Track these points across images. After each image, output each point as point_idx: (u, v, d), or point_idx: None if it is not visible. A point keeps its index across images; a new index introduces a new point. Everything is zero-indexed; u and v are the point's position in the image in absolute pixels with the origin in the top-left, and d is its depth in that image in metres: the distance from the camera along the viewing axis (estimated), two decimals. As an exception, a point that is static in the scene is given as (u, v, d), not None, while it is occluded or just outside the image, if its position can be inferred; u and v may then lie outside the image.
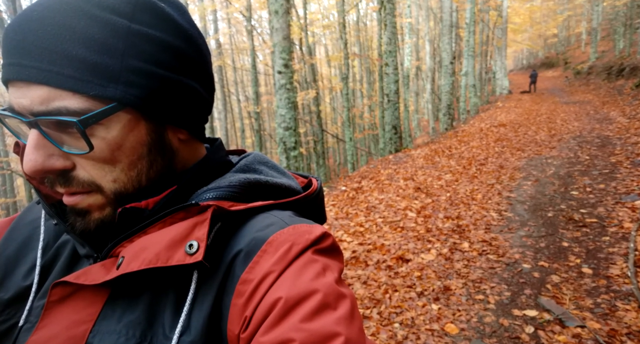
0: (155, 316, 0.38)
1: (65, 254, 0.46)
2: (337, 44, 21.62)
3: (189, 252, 0.37)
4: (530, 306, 2.55)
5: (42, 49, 0.35)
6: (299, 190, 0.50)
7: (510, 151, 7.42)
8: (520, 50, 40.44)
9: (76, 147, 0.38)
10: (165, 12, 0.40)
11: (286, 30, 5.62)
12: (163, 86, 0.40)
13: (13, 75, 0.36)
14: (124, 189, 0.41)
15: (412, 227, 4.09)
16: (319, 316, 0.34)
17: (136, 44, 0.37)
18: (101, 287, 0.40)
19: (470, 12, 13.06)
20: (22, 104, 0.36)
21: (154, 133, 0.41)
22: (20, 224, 0.50)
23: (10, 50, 0.36)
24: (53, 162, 0.38)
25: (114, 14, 0.37)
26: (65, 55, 0.35)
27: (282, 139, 5.73)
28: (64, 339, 0.38)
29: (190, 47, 0.42)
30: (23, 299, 0.43)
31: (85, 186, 0.40)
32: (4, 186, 15.27)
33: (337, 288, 0.37)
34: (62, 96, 0.35)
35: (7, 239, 0.48)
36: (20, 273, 0.45)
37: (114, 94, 0.37)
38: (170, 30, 0.40)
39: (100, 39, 0.36)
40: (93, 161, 0.39)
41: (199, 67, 0.44)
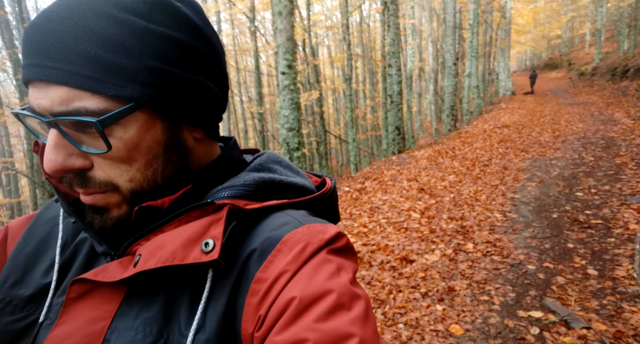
0: (172, 314, 0.38)
1: (84, 252, 0.46)
2: (340, 45, 21.64)
3: (205, 250, 0.37)
4: (535, 307, 2.54)
5: (61, 49, 0.35)
6: (313, 189, 0.50)
7: (514, 152, 7.39)
8: (523, 52, 40.35)
9: (94, 147, 0.38)
10: (181, 11, 0.40)
11: (289, 31, 5.63)
12: (179, 85, 0.40)
13: (33, 76, 0.36)
14: (140, 188, 0.41)
15: (416, 228, 4.08)
16: (333, 317, 0.34)
17: (153, 43, 0.37)
18: (118, 284, 0.40)
19: (473, 13, 13.04)
20: (42, 104, 0.36)
21: (170, 132, 0.42)
22: (39, 222, 0.50)
23: (31, 51, 0.36)
24: (72, 161, 0.38)
25: (131, 14, 0.37)
26: (84, 55, 0.35)
27: (286, 139, 5.73)
28: (83, 335, 0.38)
29: (205, 47, 0.42)
30: (43, 296, 0.44)
31: (102, 186, 0.40)
32: (9, 186, 15.35)
33: (352, 289, 0.37)
34: (81, 96, 0.36)
35: (26, 237, 0.49)
36: (40, 271, 0.46)
37: (131, 94, 0.37)
38: (186, 30, 0.40)
39: (118, 39, 0.36)
40: (110, 161, 0.39)
41: (214, 66, 0.44)
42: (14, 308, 0.43)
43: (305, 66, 12.56)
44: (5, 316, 0.43)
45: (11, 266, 0.46)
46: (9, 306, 0.43)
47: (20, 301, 0.44)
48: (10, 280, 0.45)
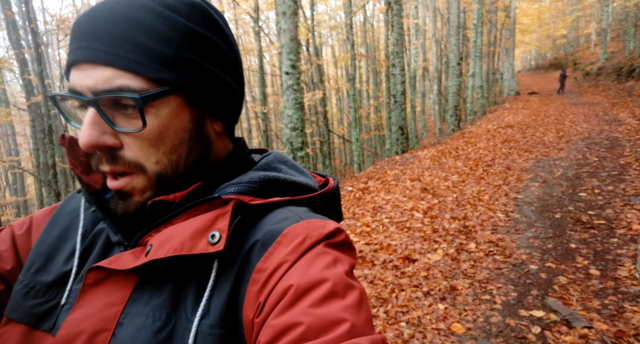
0: (179, 301, 0.41)
1: (100, 242, 0.49)
2: (343, 45, 21.65)
3: (212, 242, 0.39)
4: (537, 306, 2.56)
5: (111, 35, 0.40)
6: (316, 188, 0.53)
7: (518, 152, 7.38)
8: (528, 52, 40.15)
9: (128, 127, 0.42)
10: (214, 18, 0.46)
11: (293, 31, 5.65)
12: (208, 78, 0.45)
13: (82, 57, 0.40)
14: (165, 172, 0.44)
15: (419, 228, 4.09)
16: (327, 303, 0.35)
17: (190, 39, 0.43)
18: (131, 273, 0.43)
19: (477, 13, 13.01)
20: (87, 83, 0.40)
21: (196, 121, 0.46)
22: (61, 213, 0.54)
23: (81, 35, 0.41)
24: (105, 138, 0.42)
25: (174, 13, 0.42)
26: (131, 42, 0.40)
27: (289, 139, 5.76)
28: (98, 318, 0.41)
29: (230, 50, 0.48)
30: (63, 283, 0.47)
31: (131, 166, 0.43)
32: (15, 185, 15.48)
33: (347, 279, 0.38)
34: (125, 76, 0.40)
35: (49, 227, 0.52)
36: (61, 259, 0.49)
37: (168, 78, 0.41)
38: (217, 34, 0.46)
39: (161, 31, 0.41)
40: (140, 142, 0.43)
41: (235, 69, 0.49)
42: (37, 293, 0.46)
43: (309, 66, 12.58)
44: (30, 300, 0.46)
45: (35, 254, 0.50)
46: (32, 290, 0.46)
47: (43, 286, 0.47)
48: (34, 267, 0.48)
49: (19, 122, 16.24)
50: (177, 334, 0.39)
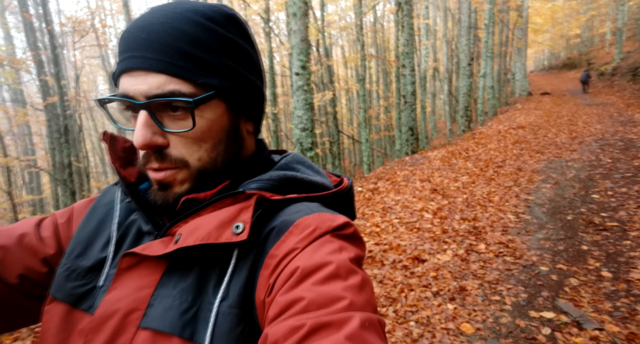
0: (204, 285, 0.45)
1: (133, 231, 0.54)
2: (353, 45, 21.64)
3: (236, 232, 0.43)
4: (547, 308, 2.55)
5: (162, 45, 0.44)
6: (331, 187, 0.56)
7: (529, 154, 7.31)
8: (541, 51, 39.62)
9: (175, 128, 0.47)
10: (245, 27, 0.52)
11: (304, 32, 5.69)
12: (244, 83, 0.50)
13: (136, 65, 0.45)
14: (205, 168, 0.49)
15: (428, 228, 4.10)
16: (328, 282, 0.39)
17: (228, 47, 0.48)
18: (161, 259, 0.47)
19: (489, 13, 12.91)
20: (140, 89, 0.45)
21: (233, 122, 0.51)
22: (99, 204, 0.58)
23: (134, 45, 0.45)
24: (156, 138, 0.47)
25: (213, 23, 0.47)
26: (180, 51, 0.45)
27: (299, 140, 5.80)
28: (132, 299, 0.45)
29: (257, 57, 0.54)
30: (100, 267, 0.51)
31: (177, 163, 0.48)
32: (32, 184, 15.84)
33: (350, 264, 0.42)
34: (175, 82, 0.45)
35: (88, 217, 0.57)
36: (99, 246, 0.53)
37: (213, 83, 0.47)
38: (248, 42, 0.52)
39: (205, 41, 0.46)
40: (185, 141, 0.47)
41: (261, 74, 0.55)
42: (77, 276, 0.51)
43: (319, 67, 12.63)
44: (71, 282, 0.51)
45: (76, 241, 0.54)
46: (73, 273, 0.51)
47: (83, 270, 0.51)
48: (75, 252, 0.53)
49: (35, 122, 16.60)
50: (201, 315, 0.43)
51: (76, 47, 11.22)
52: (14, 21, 16.48)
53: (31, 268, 0.55)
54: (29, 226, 0.58)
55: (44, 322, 0.50)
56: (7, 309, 0.55)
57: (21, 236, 0.56)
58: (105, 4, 17.70)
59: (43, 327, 0.50)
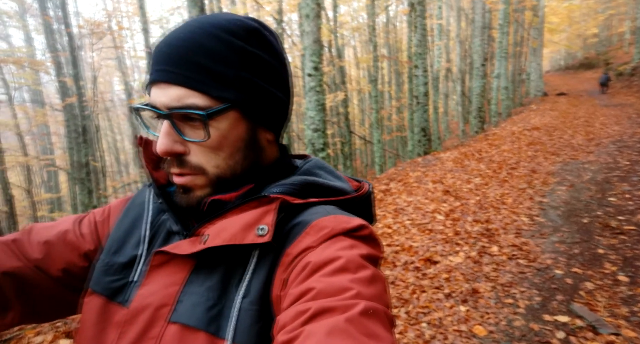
0: (228, 284, 0.48)
1: (164, 230, 0.57)
2: (366, 46, 21.60)
3: (259, 234, 0.46)
4: (562, 311, 2.52)
5: (182, 59, 0.47)
6: (350, 192, 0.58)
7: (544, 155, 7.21)
8: (557, 51, 38.89)
9: (194, 137, 0.49)
10: (268, 38, 0.53)
11: (316, 33, 5.72)
12: (261, 94, 0.52)
13: (160, 78, 0.48)
14: (222, 174, 0.52)
15: (441, 230, 4.08)
16: (337, 275, 0.41)
17: (246, 59, 0.50)
18: (189, 258, 0.50)
19: (504, 13, 12.75)
20: (162, 100, 0.48)
21: (250, 132, 0.53)
22: (134, 204, 0.62)
23: (160, 60, 0.48)
24: (176, 146, 0.50)
25: (233, 37, 0.49)
26: (198, 65, 0.47)
27: (311, 140, 5.83)
28: (162, 295, 0.49)
29: (281, 67, 0.55)
30: (134, 264, 0.55)
31: (195, 169, 0.51)
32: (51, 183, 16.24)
33: (360, 260, 0.43)
34: (193, 95, 0.47)
35: (123, 216, 0.61)
36: (132, 243, 0.57)
37: (228, 96, 0.49)
38: (270, 53, 0.53)
39: (223, 54, 0.48)
40: (203, 149, 0.50)
41: (285, 83, 0.56)
42: (114, 271, 0.55)
43: (331, 68, 12.65)
44: (108, 276, 0.54)
45: (113, 238, 0.58)
46: (110, 269, 0.55)
47: (118, 266, 0.55)
48: (112, 249, 0.57)
49: (54, 122, 17.00)
50: (225, 312, 0.46)
51: (94, 49, 11.46)
52: (33, 23, 16.91)
53: (72, 262, 0.59)
54: (70, 223, 0.62)
55: (84, 313, 0.54)
56: (51, 301, 0.59)
57: (64, 232, 0.60)
58: (121, 6, 18.04)
59: (83, 317, 0.54)
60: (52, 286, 0.58)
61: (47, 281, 0.58)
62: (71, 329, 2.57)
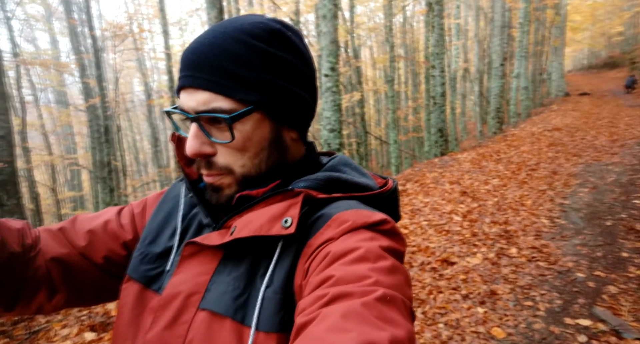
0: (254, 274, 0.50)
1: (195, 223, 0.60)
2: (382, 46, 21.49)
3: (285, 226, 0.48)
4: (583, 315, 2.47)
5: (207, 65, 0.49)
6: (375, 188, 0.59)
7: (565, 157, 7.04)
8: (579, 50, 37.86)
9: (221, 138, 0.51)
10: (291, 39, 0.54)
11: (333, 34, 5.74)
12: (284, 95, 0.53)
13: (187, 83, 0.50)
14: (249, 173, 0.54)
15: (458, 231, 4.04)
16: (356, 264, 0.42)
17: (269, 62, 0.51)
18: (218, 249, 0.52)
19: (524, 12, 12.51)
20: (190, 104, 0.50)
21: (274, 131, 0.54)
22: (167, 198, 0.66)
23: (188, 66, 0.50)
24: (204, 148, 0.52)
25: (256, 40, 0.50)
26: (222, 69, 0.49)
27: (327, 140, 5.84)
28: (193, 283, 0.51)
29: (305, 66, 0.56)
30: (168, 254, 0.58)
31: (222, 170, 0.53)
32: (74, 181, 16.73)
33: (380, 251, 0.44)
34: (218, 99, 0.49)
35: (158, 208, 0.64)
36: (167, 235, 0.60)
37: (251, 99, 0.50)
38: (293, 53, 0.54)
39: (245, 57, 0.49)
40: (230, 149, 0.52)
41: (309, 82, 0.57)
42: (149, 260, 0.58)
43: (347, 68, 12.65)
44: (144, 265, 0.58)
45: (149, 229, 0.62)
46: (146, 258, 0.58)
47: (154, 255, 0.58)
48: (148, 239, 0.60)
49: (77, 122, 17.52)
50: (250, 301, 0.48)
51: (116, 51, 11.77)
52: (59, 26, 17.46)
53: (113, 250, 0.63)
54: (111, 214, 0.66)
55: (122, 298, 0.57)
56: (94, 286, 0.64)
57: (106, 222, 0.64)
58: (142, 8, 18.45)
59: (121, 302, 0.57)
60: (94, 273, 0.62)
61: (91, 268, 0.62)
62: (95, 323, 2.65)
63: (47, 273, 0.60)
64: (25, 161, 10.05)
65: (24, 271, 0.58)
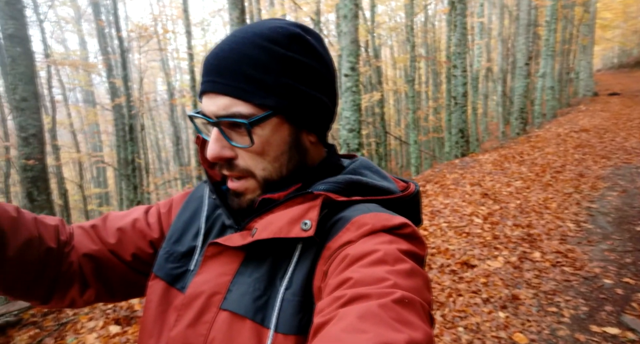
0: (274, 276, 0.51)
1: (218, 224, 0.61)
2: (403, 46, 21.28)
3: (304, 228, 0.48)
4: (611, 323, 2.39)
5: (227, 70, 0.50)
6: (396, 192, 0.59)
7: (593, 159, 6.81)
8: (609, 48, 36.44)
9: (241, 142, 0.52)
10: (310, 43, 0.54)
11: (354, 34, 5.72)
12: (303, 98, 0.53)
13: (208, 89, 0.52)
14: (269, 177, 0.55)
15: (478, 234, 3.97)
16: (374, 266, 0.42)
17: (288, 66, 0.51)
18: (239, 250, 0.53)
19: (551, 9, 12.13)
20: (211, 109, 0.52)
21: (293, 135, 0.55)
22: (192, 198, 0.67)
23: (209, 71, 0.52)
24: (225, 152, 0.53)
25: (275, 45, 0.51)
26: (242, 74, 0.50)
27: (346, 140, 5.83)
28: (214, 284, 0.53)
29: (324, 69, 0.56)
30: (192, 254, 0.59)
31: (243, 172, 0.54)
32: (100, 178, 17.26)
33: (399, 254, 0.44)
34: (238, 104, 0.50)
35: (184, 208, 0.66)
36: (191, 235, 0.62)
37: (270, 103, 0.51)
38: (312, 57, 0.54)
39: (264, 62, 0.50)
40: (250, 153, 0.53)
41: (329, 85, 0.57)
42: (174, 259, 0.60)
43: (367, 68, 12.59)
44: (169, 263, 0.59)
45: (174, 228, 0.63)
46: (171, 256, 0.60)
47: (178, 254, 0.60)
48: (173, 238, 0.62)
49: (103, 121, 18.08)
50: (270, 303, 0.49)
51: (141, 51, 12.08)
52: (87, 28, 18.06)
53: (141, 248, 0.65)
54: (139, 213, 0.68)
55: (148, 294, 0.59)
56: (123, 282, 0.66)
57: (134, 221, 0.66)
58: (166, 9, 18.87)
59: (147, 299, 0.59)
60: (123, 269, 0.65)
61: (120, 264, 0.64)
62: (120, 317, 2.74)
63: (79, 269, 0.62)
64: (55, 158, 10.44)
65: (59, 266, 0.60)
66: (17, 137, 4.30)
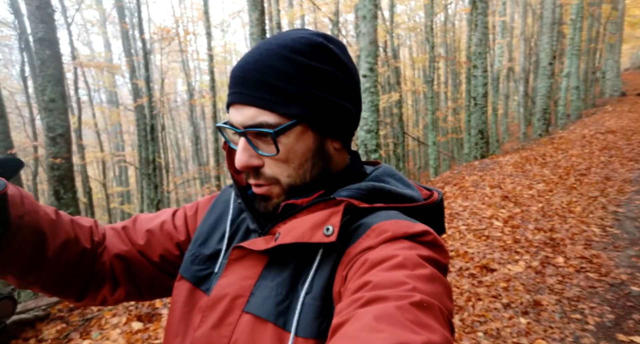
0: (296, 281, 0.52)
1: (243, 228, 0.63)
2: (422, 46, 21.06)
3: (326, 234, 0.49)
4: (639, 332, 2.31)
5: (254, 81, 0.51)
6: (419, 200, 0.58)
7: (620, 161, 6.58)
8: (638, 47, 35.15)
9: (267, 151, 0.54)
10: (333, 51, 0.55)
11: (373, 34, 5.70)
12: (327, 106, 0.54)
13: (235, 100, 0.53)
14: (294, 183, 0.56)
15: (498, 237, 3.89)
16: (393, 270, 0.42)
17: (312, 75, 0.52)
18: (263, 254, 0.55)
19: (577, 7, 11.79)
20: (238, 119, 0.53)
21: (318, 142, 0.56)
22: (218, 202, 0.69)
23: (236, 83, 0.53)
24: (252, 160, 0.55)
25: (299, 55, 0.52)
26: (267, 85, 0.51)
27: (364, 141, 5.81)
28: (238, 286, 0.54)
29: (348, 77, 0.57)
30: (216, 257, 0.61)
31: (270, 180, 0.56)
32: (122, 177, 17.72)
33: (418, 259, 0.44)
34: (263, 114, 0.52)
35: (210, 212, 0.68)
36: (216, 238, 0.63)
37: (295, 112, 0.52)
38: (336, 65, 0.55)
39: (289, 72, 0.51)
40: (276, 161, 0.54)
41: (353, 92, 0.58)
42: (200, 261, 0.61)
43: (386, 68, 12.51)
44: (195, 265, 0.61)
45: (200, 231, 0.65)
46: (197, 259, 0.62)
47: (204, 257, 0.62)
48: (199, 241, 0.64)
49: (126, 121, 18.55)
50: (292, 307, 0.50)
51: (163, 53, 12.34)
52: (112, 30, 18.57)
53: (168, 249, 0.67)
54: (167, 215, 0.70)
55: (174, 295, 0.61)
56: (151, 282, 0.68)
57: (162, 223, 0.69)
58: (187, 11, 19.22)
59: (173, 299, 0.61)
60: (152, 270, 0.67)
61: (148, 265, 0.67)
62: (142, 314, 2.81)
63: (111, 268, 0.65)
64: (80, 157, 10.77)
65: (92, 266, 0.63)
66: (45, 137, 4.47)
